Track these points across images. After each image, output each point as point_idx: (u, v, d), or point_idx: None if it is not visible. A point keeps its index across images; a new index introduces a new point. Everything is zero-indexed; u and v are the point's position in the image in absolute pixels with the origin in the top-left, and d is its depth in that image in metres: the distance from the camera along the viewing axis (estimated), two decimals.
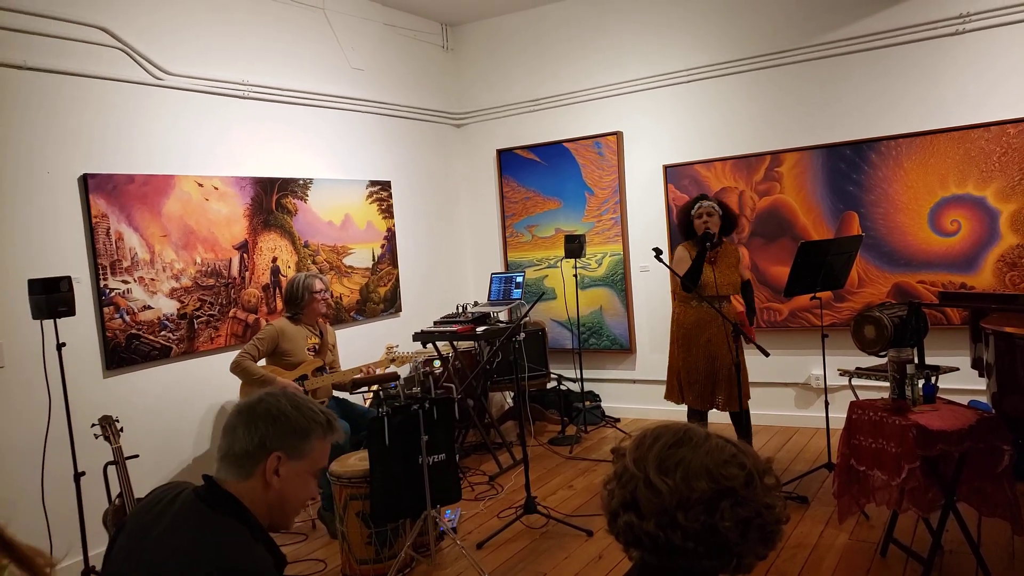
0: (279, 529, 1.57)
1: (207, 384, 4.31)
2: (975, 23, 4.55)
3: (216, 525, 1.41)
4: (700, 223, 4.09)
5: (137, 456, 3.57)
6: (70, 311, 3.17)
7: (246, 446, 1.48)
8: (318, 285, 4.22)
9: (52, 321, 3.17)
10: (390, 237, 5.71)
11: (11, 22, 3.50)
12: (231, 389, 4.23)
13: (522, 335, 5.05)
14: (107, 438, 3.41)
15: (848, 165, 4.95)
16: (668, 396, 4.31)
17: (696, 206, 4.13)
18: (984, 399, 3.63)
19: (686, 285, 4.00)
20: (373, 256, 5.55)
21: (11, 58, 3.51)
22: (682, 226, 4.24)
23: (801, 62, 5.08)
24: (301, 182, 4.96)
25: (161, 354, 4.08)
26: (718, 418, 4.30)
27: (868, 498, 3.19)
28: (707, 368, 4.06)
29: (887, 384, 3.18)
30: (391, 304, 5.70)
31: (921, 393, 3.11)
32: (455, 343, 5.22)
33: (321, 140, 5.17)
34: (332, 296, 4.91)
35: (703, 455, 1.09)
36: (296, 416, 1.51)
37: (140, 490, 3.66)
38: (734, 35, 5.28)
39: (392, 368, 4.35)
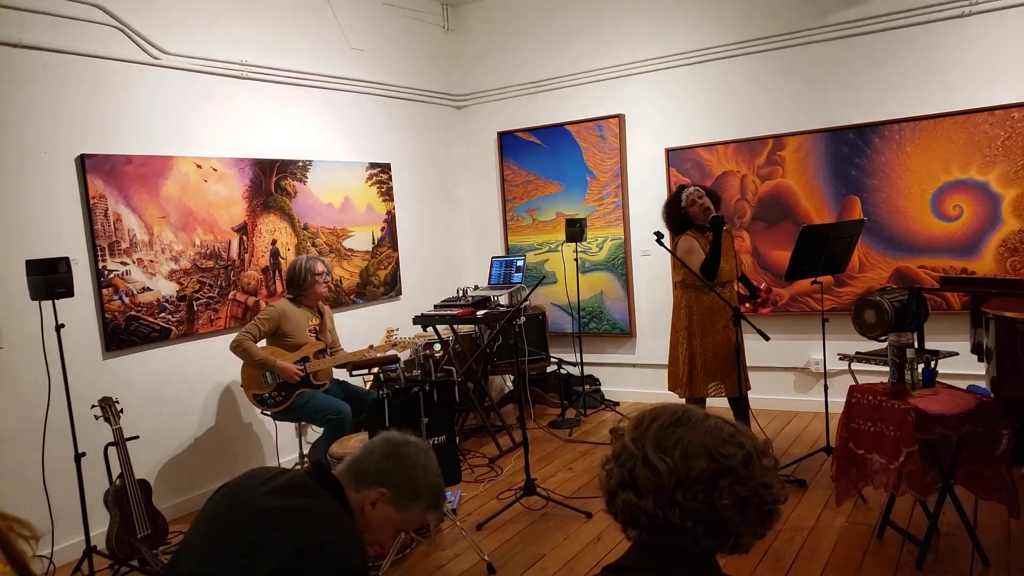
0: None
1: (207, 366, 4.31)
2: (981, 5, 4.50)
3: (320, 498, 1.53)
4: (697, 208, 3.99)
5: (137, 437, 3.59)
6: (68, 292, 3.17)
7: (369, 468, 1.61)
8: (320, 267, 4.21)
9: (51, 302, 3.16)
10: (390, 220, 5.70)
11: None
12: (231, 371, 4.23)
13: (522, 319, 5.06)
14: (107, 419, 3.42)
15: (851, 149, 4.92)
16: (674, 388, 4.14)
17: (684, 196, 4.02)
18: (983, 384, 3.63)
19: (707, 274, 3.90)
20: (373, 239, 5.54)
21: (7, 36, 3.47)
22: (674, 220, 4.10)
23: (805, 44, 5.04)
24: (300, 164, 4.94)
25: (160, 336, 4.08)
26: (715, 403, 4.30)
27: (866, 481, 3.20)
28: (727, 354, 3.98)
29: (887, 368, 3.19)
30: (391, 287, 5.70)
31: (920, 377, 3.11)
32: (455, 326, 5.22)
33: (320, 121, 5.14)
34: (333, 279, 4.91)
35: (702, 434, 1.09)
36: (422, 477, 1.64)
37: (140, 471, 3.68)
38: (737, 17, 5.23)
39: (392, 351, 4.35)
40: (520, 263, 5.67)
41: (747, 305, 4.23)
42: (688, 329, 4.06)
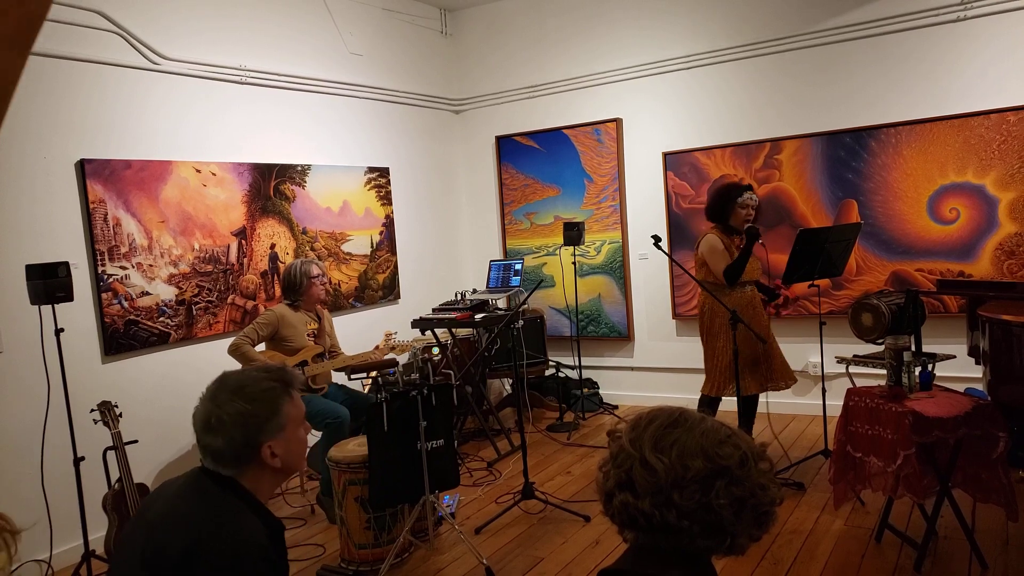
0: (294, 473, 1.71)
1: (206, 370, 4.30)
2: (976, 10, 4.52)
3: (213, 495, 1.51)
4: (745, 213, 4.00)
5: (136, 441, 3.59)
6: (68, 297, 3.17)
7: (235, 451, 1.52)
8: (315, 270, 4.22)
9: (50, 307, 3.17)
10: (388, 224, 5.71)
11: None
12: None
13: (520, 322, 5.06)
14: (106, 423, 3.42)
15: (847, 152, 4.94)
16: (714, 390, 4.07)
17: (746, 195, 4.00)
18: (980, 387, 3.65)
19: (729, 279, 3.93)
20: (371, 243, 5.55)
21: None
22: (718, 207, 4.07)
23: (801, 48, 5.06)
24: (299, 168, 4.95)
25: (160, 340, 4.09)
26: (724, 409, 4.30)
27: (864, 484, 3.21)
28: (751, 353, 3.96)
29: (884, 372, 3.20)
30: (390, 291, 5.70)
31: (918, 380, 3.12)
32: (454, 330, 5.22)
33: (319, 126, 5.16)
34: (329, 281, 4.92)
35: (698, 435, 1.10)
36: (257, 406, 1.52)
37: (139, 475, 3.68)
38: (734, 21, 5.26)
39: (391, 355, 4.35)
40: (518, 267, 5.68)
41: (770, 308, 4.24)
42: (710, 331, 4.09)
